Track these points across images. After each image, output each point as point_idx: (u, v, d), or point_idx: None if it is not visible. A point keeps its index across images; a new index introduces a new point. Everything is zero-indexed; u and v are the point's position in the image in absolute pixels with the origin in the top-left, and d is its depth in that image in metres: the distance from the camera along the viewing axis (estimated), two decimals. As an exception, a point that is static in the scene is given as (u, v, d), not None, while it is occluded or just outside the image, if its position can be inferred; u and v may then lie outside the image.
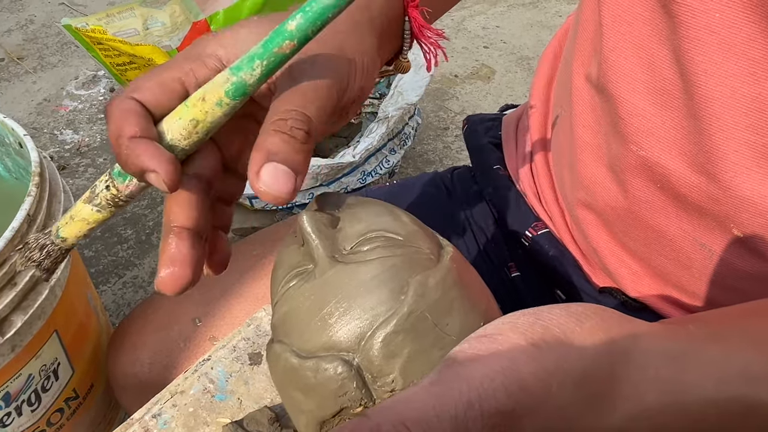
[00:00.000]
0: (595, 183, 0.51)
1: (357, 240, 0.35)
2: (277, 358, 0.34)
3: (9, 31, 1.86)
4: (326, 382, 0.32)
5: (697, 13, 0.39)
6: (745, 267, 0.44)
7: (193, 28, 1.08)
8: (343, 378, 0.32)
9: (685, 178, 0.43)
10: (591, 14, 0.49)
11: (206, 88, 0.31)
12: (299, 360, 0.33)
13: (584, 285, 0.56)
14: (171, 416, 0.45)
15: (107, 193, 0.33)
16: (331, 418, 0.33)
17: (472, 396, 0.24)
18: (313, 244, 0.34)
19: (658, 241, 0.48)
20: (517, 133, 0.65)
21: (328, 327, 0.33)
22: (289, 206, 1.24)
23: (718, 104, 0.40)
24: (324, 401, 0.32)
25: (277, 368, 0.35)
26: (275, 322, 0.36)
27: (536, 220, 0.60)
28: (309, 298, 0.34)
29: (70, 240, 0.35)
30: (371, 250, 0.34)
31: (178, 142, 0.31)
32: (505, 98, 1.69)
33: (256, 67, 0.29)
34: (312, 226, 0.35)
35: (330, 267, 0.34)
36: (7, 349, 0.62)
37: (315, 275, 0.34)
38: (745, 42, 0.38)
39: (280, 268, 0.37)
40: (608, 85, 0.46)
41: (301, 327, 0.34)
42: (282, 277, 0.36)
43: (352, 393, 0.32)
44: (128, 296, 1.20)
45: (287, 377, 0.34)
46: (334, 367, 0.32)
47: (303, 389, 0.33)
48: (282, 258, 0.37)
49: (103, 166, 1.45)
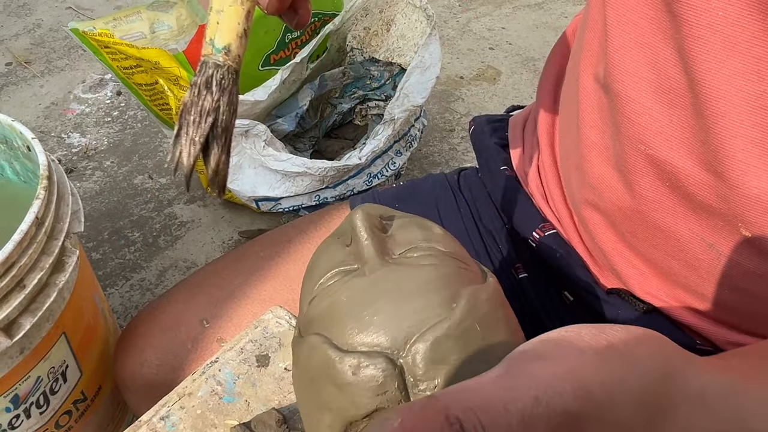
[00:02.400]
0: (602, 183, 0.51)
1: (407, 247, 0.35)
2: (313, 350, 0.33)
3: (17, 35, 1.87)
4: (366, 379, 0.31)
5: (701, 11, 0.39)
6: (752, 268, 0.44)
7: (200, 31, 1.08)
8: (386, 376, 0.31)
9: (694, 177, 0.43)
10: (597, 14, 0.49)
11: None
12: (340, 354, 0.32)
13: (592, 287, 0.56)
14: (179, 418, 0.45)
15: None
16: (361, 419, 0.32)
17: (539, 393, 0.24)
18: (364, 242, 0.34)
19: (665, 241, 0.48)
20: (524, 134, 0.65)
21: (375, 324, 0.32)
22: (295, 209, 1.24)
23: (723, 102, 0.40)
24: (359, 399, 0.31)
25: (311, 361, 0.33)
26: (311, 317, 0.35)
27: (543, 222, 0.60)
28: (355, 295, 0.33)
29: (233, 47, 0.31)
30: (422, 257, 0.34)
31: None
32: (511, 100, 1.69)
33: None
34: (364, 224, 0.34)
35: (380, 266, 0.33)
36: (15, 352, 0.62)
37: (364, 273, 0.34)
38: (749, 40, 0.37)
39: (319, 266, 0.36)
40: (614, 84, 0.46)
41: (345, 321, 0.33)
42: (321, 274, 0.35)
43: (391, 394, 0.31)
44: (135, 299, 1.21)
45: (322, 371, 0.33)
46: (377, 365, 0.31)
47: (339, 384, 0.32)
48: (321, 256, 0.37)
49: (111, 169, 1.45)
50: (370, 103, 1.43)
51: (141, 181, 1.43)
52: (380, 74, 1.44)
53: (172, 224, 1.34)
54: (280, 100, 1.26)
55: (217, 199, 0.37)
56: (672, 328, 0.52)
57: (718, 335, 0.49)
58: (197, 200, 1.39)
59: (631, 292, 0.53)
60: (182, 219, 1.35)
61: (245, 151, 1.16)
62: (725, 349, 0.50)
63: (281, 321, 0.51)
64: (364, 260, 0.34)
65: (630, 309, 0.53)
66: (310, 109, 1.35)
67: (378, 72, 1.44)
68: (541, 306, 0.62)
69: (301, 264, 0.64)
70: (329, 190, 1.22)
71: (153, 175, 1.45)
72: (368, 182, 1.25)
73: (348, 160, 1.17)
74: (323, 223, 0.67)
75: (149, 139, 1.53)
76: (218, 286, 0.64)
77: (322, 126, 1.41)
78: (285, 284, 0.63)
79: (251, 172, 1.18)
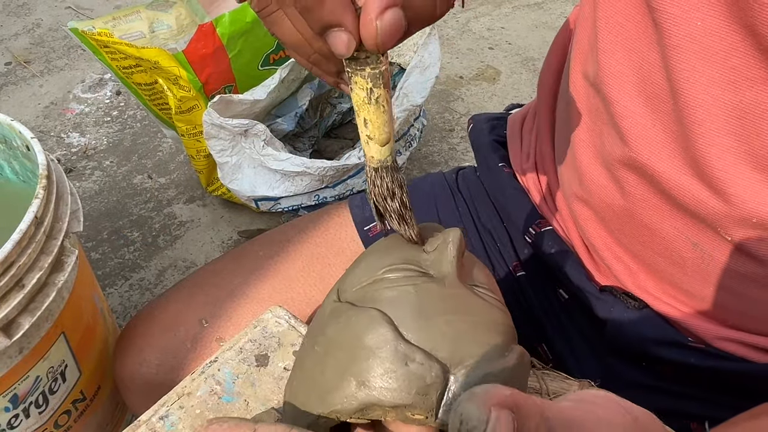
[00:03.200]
0: (592, 180, 0.51)
1: (479, 284, 0.37)
2: (372, 323, 0.34)
3: (16, 35, 1.87)
4: (415, 375, 0.32)
5: (679, 21, 0.39)
6: (736, 267, 0.44)
7: (199, 30, 1.08)
8: (433, 382, 0.32)
9: (674, 181, 0.44)
10: (589, 12, 0.49)
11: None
12: (403, 341, 0.33)
13: (586, 284, 0.56)
14: (178, 418, 0.45)
15: (372, 71, 0.32)
16: (382, 408, 0.32)
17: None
18: (451, 257, 0.36)
19: (652, 238, 0.48)
20: (522, 131, 0.65)
21: (442, 333, 0.33)
22: (294, 208, 1.24)
23: (701, 111, 0.40)
24: (397, 388, 0.32)
25: (362, 331, 0.34)
26: (373, 295, 0.36)
27: (539, 218, 0.60)
28: (429, 298, 0.35)
29: (384, 147, 0.35)
30: (491, 299, 0.36)
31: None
32: (510, 99, 1.69)
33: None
34: (456, 243, 0.36)
35: (457, 286, 0.35)
36: (15, 351, 0.62)
37: (443, 284, 0.35)
38: (726, 50, 0.38)
39: (393, 254, 0.37)
40: (601, 85, 0.46)
41: (412, 316, 0.34)
42: (392, 262, 0.37)
43: (429, 399, 0.32)
44: (135, 298, 1.21)
45: (373, 346, 0.33)
46: (432, 368, 0.32)
47: (386, 368, 0.33)
48: (392, 247, 0.38)
49: (110, 169, 1.45)
50: (369, 102, 1.43)
51: (140, 180, 1.43)
52: (380, 74, 1.43)
53: (171, 224, 1.34)
54: (279, 99, 1.26)
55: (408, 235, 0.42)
56: (663, 325, 0.52)
57: (708, 331, 0.50)
58: (196, 200, 1.39)
59: (624, 289, 0.54)
60: (181, 219, 1.35)
61: (244, 150, 1.16)
62: (715, 345, 0.50)
63: (280, 320, 0.51)
64: (444, 273, 0.36)
65: (622, 306, 0.53)
66: (310, 109, 1.35)
67: (377, 72, 1.44)
68: (538, 304, 0.62)
69: (300, 263, 0.64)
70: (329, 189, 1.22)
71: (152, 175, 1.45)
72: (368, 182, 1.25)
73: (347, 159, 1.17)
74: (322, 222, 0.67)
75: (149, 139, 1.53)
76: (217, 286, 0.64)
77: (321, 126, 1.41)
78: (284, 284, 0.63)
79: (250, 172, 1.18)
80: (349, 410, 0.33)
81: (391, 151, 0.35)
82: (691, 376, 0.53)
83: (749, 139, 0.39)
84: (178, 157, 1.49)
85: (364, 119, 0.34)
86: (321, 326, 0.37)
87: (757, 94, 0.38)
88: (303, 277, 0.63)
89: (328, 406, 0.34)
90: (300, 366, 0.38)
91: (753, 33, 0.36)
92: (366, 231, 0.65)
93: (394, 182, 0.36)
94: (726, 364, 0.50)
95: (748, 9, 0.36)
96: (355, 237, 0.65)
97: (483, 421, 0.23)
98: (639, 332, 0.52)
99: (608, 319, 0.54)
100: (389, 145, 0.35)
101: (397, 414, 0.33)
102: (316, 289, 0.63)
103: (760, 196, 0.40)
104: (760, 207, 0.40)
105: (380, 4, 0.29)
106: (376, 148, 0.35)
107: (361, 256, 0.40)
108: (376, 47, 0.30)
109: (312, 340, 0.37)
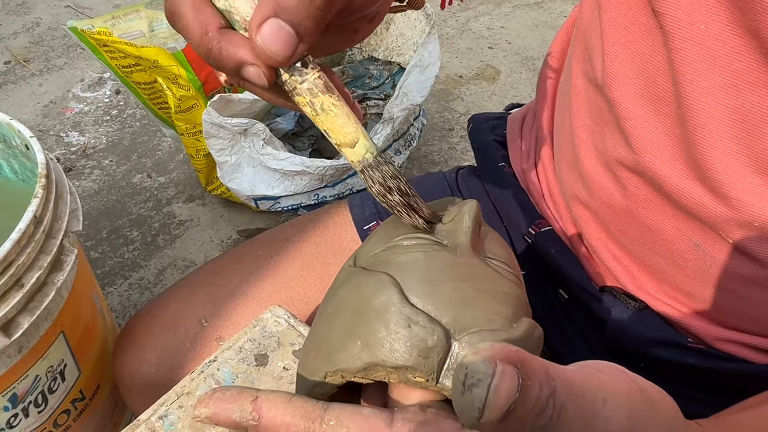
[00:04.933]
0: (592, 181, 0.51)
1: (494, 257, 0.37)
2: (380, 285, 0.34)
3: (15, 33, 1.87)
4: (417, 338, 0.32)
5: (683, 24, 0.39)
6: (737, 269, 0.44)
7: (199, 29, 1.08)
8: (434, 345, 0.32)
9: (676, 184, 0.44)
10: (589, 13, 0.49)
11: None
12: (407, 304, 0.33)
13: (586, 284, 0.56)
14: (177, 417, 0.45)
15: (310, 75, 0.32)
16: (385, 369, 0.33)
17: (607, 397, 0.27)
18: (466, 228, 0.36)
19: (653, 239, 0.48)
20: (522, 131, 0.65)
21: (447, 298, 0.33)
22: (294, 207, 1.24)
23: (704, 114, 0.40)
24: (399, 349, 0.33)
25: (370, 294, 0.34)
26: (385, 260, 0.36)
27: (539, 218, 0.60)
28: (439, 265, 0.35)
29: (356, 148, 0.34)
30: (505, 272, 0.36)
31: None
32: (510, 99, 1.69)
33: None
34: (472, 214, 0.37)
35: (470, 256, 0.35)
36: (14, 351, 0.62)
37: (455, 252, 0.35)
38: (729, 54, 0.38)
39: (406, 224, 0.38)
40: (606, 87, 0.46)
41: (420, 281, 0.34)
42: (402, 232, 0.37)
43: (430, 362, 0.32)
44: (134, 298, 1.21)
45: (379, 308, 0.34)
46: (434, 331, 0.32)
47: (389, 328, 0.33)
48: None
49: (109, 168, 1.45)
50: (369, 102, 1.43)
51: (140, 179, 1.43)
52: (379, 73, 1.44)
53: (170, 223, 1.34)
54: (279, 98, 1.26)
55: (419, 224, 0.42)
56: (663, 326, 0.52)
57: (708, 332, 0.50)
58: (196, 199, 1.39)
59: (624, 290, 0.54)
60: (181, 218, 1.35)
61: (244, 150, 1.16)
62: (715, 346, 0.50)
63: (280, 320, 0.51)
64: (457, 242, 0.36)
65: (622, 307, 0.53)
66: (309, 108, 1.35)
67: (377, 71, 1.44)
68: (537, 304, 0.62)
69: (299, 263, 0.64)
70: (328, 189, 1.22)
71: (152, 174, 1.44)
72: (367, 181, 1.25)
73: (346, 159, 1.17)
74: (322, 222, 0.67)
75: (148, 138, 1.53)
76: (217, 285, 0.64)
77: (321, 125, 1.41)
78: (284, 283, 0.63)
79: (250, 171, 1.18)
80: (354, 369, 0.34)
81: (366, 149, 0.34)
82: (690, 377, 0.53)
83: (751, 142, 0.39)
84: (177, 156, 1.49)
85: (324, 130, 0.34)
86: (334, 289, 0.38)
87: (759, 98, 0.38)
88: (302, 277, 0.63)
89: (334, 364, 0.34)
90: (313, 326, 0.39)
91: (756, 37, 0.36)
92: (365, 230, 0.65)
93: (384, 176, 0.35)
94: (726, 365, 0.50)
95: (752, 13, 0.36)
96: (355, 236, 0.65)
97: (488, 374, 0.23)
98: (639, 333, 0.52)
99: (608, 320, 0.54)
100: (361, 143, 0.34)
101: (399, 376, 0.33)
102: (316, 289, 0.63)
103: (762, 199, 0.40)
104: (762, 210, 0.40)
105: (255, 22, 0.29)
106: (349, 151, 0.34)
107: (380, 226, 0.40)
108: (273, 62, 0.30)
109: (325, 303, 0.38)
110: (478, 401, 0.23)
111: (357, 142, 0.34)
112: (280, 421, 0.32)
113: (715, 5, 0.37)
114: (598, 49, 0.47)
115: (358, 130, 0.34)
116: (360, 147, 0.34)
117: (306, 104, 0.33)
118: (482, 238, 0.38)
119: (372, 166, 0.35)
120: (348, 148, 0.34)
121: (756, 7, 0.35)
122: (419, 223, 0.36)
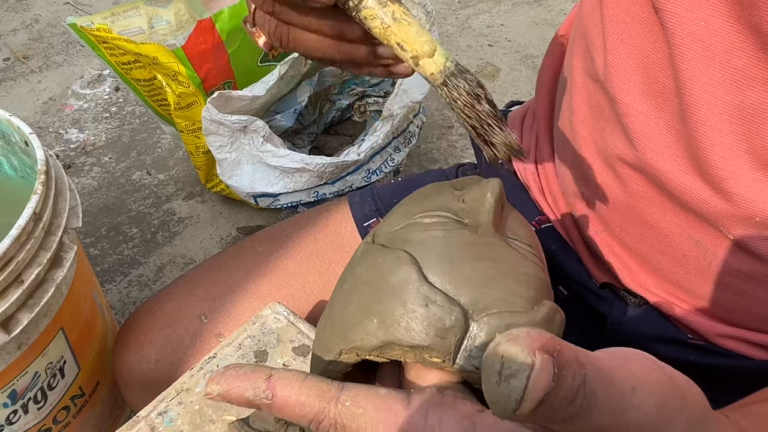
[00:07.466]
0: (593, 178, 0.51)
1: (516, 237, 0.36)
2: (398, 263, 0.33)
3: (14, 30, 1.86)
4: (435, 318, 0.32)
5: (683, 21, 0.39)
6: (738, 266, 0.44)
7: (198, 26, 1.08)
8: (452, 326, 0.31)
9: (677, 180, 0.44)
10: (589, 10, 0.49)
11: None
12: (425, 282, 0.32)
13: (586, 280, 0.56)
14: (177, 414, 0.45)
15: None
16: (400, 347, 0.32)
17: (637, 385, 0.26)
18: (489, 207, 0.35)
19: (654, 236, 0.48)
20: (523, 128, 0.65)
21: (467, 278, 0.33)
22: (293, 205, 1.24)
23: (704, 110, 0.40)
24: (416, 328, 0.32)
25: (389, 271, 0.33)
26: (404, 237, 0.35)
27: (539, 214, 0.60)
28: (459, 244, 0.34)
29: (435, 57, 0.32)
30: (528, 253, 0.35)
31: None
32: (510, 96, 1.69)
33: None
34: (496, 193, 0.36)
35: (492, 236, 0.35)
36: (13, 347, 0.62)
37: (476, 231, 0.35)
38: (729, 50, 0.38)
39: (430, 200, 0.37)
40: (608, 83, 0.46)
41: (439, 259, 0.33)
42: (428, 207, 0.36)
43: (447, 342, 0.31)
44: (134, 295, 1.21)
45: (397, 286, 0.33)
46: (452, 312, 0.31)
47: (407, 308, 0.32)
48: (435, 193, 0.38)
49: (109, 165, 1.45)
50: (368, 99, 1.43)
51: (139, 177, 1.43)
52: (379, 70, 1.43)
53: (170, 220, 1.34)
54: (278, 95, 1.26)
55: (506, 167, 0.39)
56: (663, 323, 0.52)
57: (709, 329, 0.50)
58: (195, 196, 1.39)
59: (624, 286, 0.54)
60: (180, 215, 1.35)
61: (243, 147, 1.16)
62: (715, 342, 0.50)
63: (279, 317, 0.51)
64: (479, 222, 0.35)
65: (623, 303, 0.53)
66: (309, 106, 1.35)
67: (377, 68, 1.44)
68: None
69: (299, 260, 0.64)
70: (328, 186, 1.22)
71: (151, 171, 1.44)
72: (367, 179, 1.25)
73: (346, 156, 1.17)
74: (322, 219, 0.67)
75: (147, 135, 1.53)
76: (217, 282, 0.64)
77: (320, 122, 1.41)
78: (283, 280, 0.63)
79: (249, 168, 1.18)
80: (369, 347, 0.33)
81: (446, 56, 0.32)
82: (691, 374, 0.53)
83: (751, 138, 0.39)
84: (177, 153, 1.49)
85: (397, 44, 0.32)
86: (352, 266, 0.37)
87: (759, 94, 0.38)
88: (302, 274, 0.63)
89: (349, 341, 0.34)
90: (329, 303, 0.38)
91: (757, 33, 0.36)
92: (366, 227, 0.65)
93: (470, 84, 0.32)
94: (726, 361, 0.50)
95: (752, 8, 0.36)
96: (355, 233, 0.65)
97: (527, 365, 0.22)
98: (639, 329, 0.52)
99: (608, 316, 0.54)
100: (439, 52, 0.32)
101: (416, 355, 0.32)
102: (316, 286, 0.63)
103: (762, 195, 0.40)
104: (763, 206, 0.40)
105: None
106: (428, 62, 0.32)
107: (400, 204, 0.39)
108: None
109: (342, 279, 0.37)
110: (516, 393, 0.21)
111: (436, 50, 0.32)
112: (294, 400, 0.32)
113: (716, 1, 0.37)
114: (598, 46, 0.47)
115: (431, 38, 0.32)
116: (439, 55, 0.32)
117: (375, 17, 0.31)
118: (505, 218, 0.37)
119: (455, 74, 0.32)
120: (427, 58, 0.32)
121: (756, 2, 0.35)
122: (512, 140, 0.33)
